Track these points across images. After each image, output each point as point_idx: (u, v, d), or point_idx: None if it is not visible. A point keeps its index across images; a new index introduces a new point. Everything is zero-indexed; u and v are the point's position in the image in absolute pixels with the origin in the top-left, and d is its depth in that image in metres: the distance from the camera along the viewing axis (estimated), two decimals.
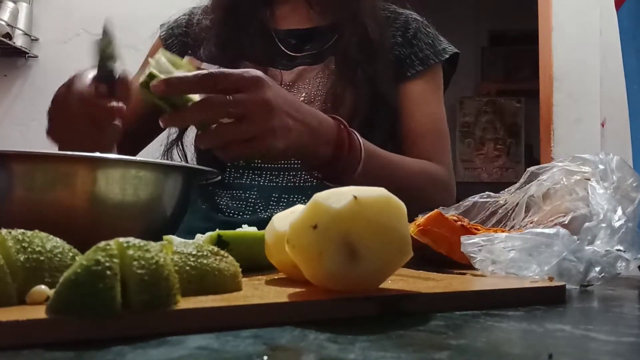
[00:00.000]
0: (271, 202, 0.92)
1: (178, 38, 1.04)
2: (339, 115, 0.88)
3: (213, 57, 0.96)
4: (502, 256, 0.51)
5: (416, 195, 0.83)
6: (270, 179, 0.94)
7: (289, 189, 0.93)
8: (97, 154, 0.53)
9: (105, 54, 0.67)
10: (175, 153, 0.98)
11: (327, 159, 0.73)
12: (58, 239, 0.36)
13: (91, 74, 0.71)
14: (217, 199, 0.95)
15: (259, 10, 1.00)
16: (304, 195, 0.92)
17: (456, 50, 1.02)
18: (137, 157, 0.54)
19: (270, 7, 1.02)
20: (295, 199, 0.92)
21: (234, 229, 0.55)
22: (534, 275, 0.49)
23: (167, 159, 0.95)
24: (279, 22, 1.01)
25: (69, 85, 0.72)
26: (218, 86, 0.62)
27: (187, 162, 0.98)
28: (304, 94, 0.94)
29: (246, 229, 0.57)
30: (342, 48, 0.94)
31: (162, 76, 0.61)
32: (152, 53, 1.05)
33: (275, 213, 0.93)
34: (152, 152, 1.05)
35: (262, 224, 0.59)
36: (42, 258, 0.34)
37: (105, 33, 0.67)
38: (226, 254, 0.40)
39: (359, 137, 0.75)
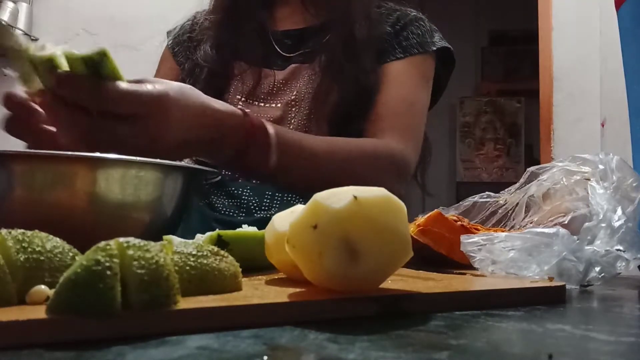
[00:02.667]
0: (265, 201, 0.92)
1: (184, 45, 1.05)
2: (324, 110, 0.87)
3: (208, 57, 0.96)
4: (502, 256, 0.51)
5: (355, 179, 0.79)
6: None
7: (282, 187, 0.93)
8: (97, 154, 0.53)
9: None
10: None
11: (232, 159, 0.70)
12: (58, 239, 0.36)
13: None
14: (213, 197, 0.96)
15: (258, 12, 1.00)
16: (298, 194, 0.92)
17: (448, 45, 1.00)
18: (137, 157, 0.54)
19: (270, 9, 1.02)
20: (289, 198, 0.92)
21: (231, 228, 0.55)
22: (534, 275, 0.49)
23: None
24: (277, 23, 1.02)
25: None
26: (106, 106, 0.56)
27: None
28: (295, 92, 0.95)
29: (246, 229, 0.57)
30: (329, 47, 0.95)
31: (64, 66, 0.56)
32: (162, 61, 1.07)
33: (271, 212, 0.93)
34: None
35: (257, 223, 0.59)
36: (42, 258, 0.34)
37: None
38: (226, 254, 0.40)
39: (271, 130, 0.71)
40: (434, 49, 0.98)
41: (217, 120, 0.67)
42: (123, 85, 0.56)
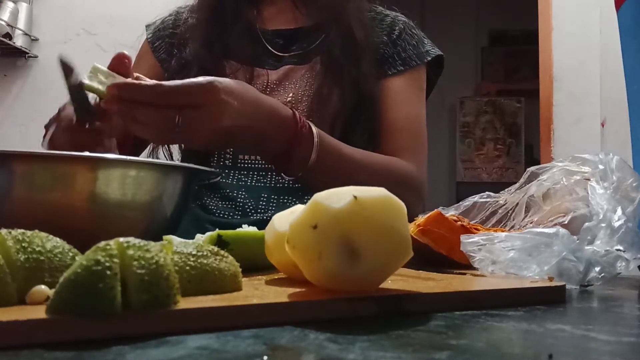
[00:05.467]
0: (261, 203, 0.92)
1: (165, 40, 1.03)
2: (324, 116, 0.87)
3: (198, 56, 0.95)
4: (502, 256, 0.51)
5: None
6: (258, 179, 0.93)
7: (278, 189, 0.93)
8: (97, 154, 0.53)
9: (75, 88, 0.65)
10: (161, 152, 0.98)
11: (278, 154, 0.74)
12: (58, 239, 0.36)
13: (71, 108, 0.70)
14: (206, 199, 0.95)
15: (245, 10, 1.00)
16: (294, 196, 0.92)
17: (440, 52, 1.01)
18: (137, 157, 0.54)
19: (257, 7, 1.02)
20: (285, 200, 0.92)
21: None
22: (534, 275, 0.49)
23: (153, 158, 0.95)
24: (266, 22, 1.01)
25: (54, 122, 0.71)
26: (167, 100, 0.63)
27: (172, 160, 0.99)
28: (291, 94, 0.94)
29: (246, 229, 0.57)
30: (327, 49, 0.94)
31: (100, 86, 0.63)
32: (141, 55, 1.05)
33: (267, 214, 0.93)
34: None
35: (253, 225, 0.59)
36: (42, 258, 0.34)
37: (68, 69, 0.66)
38: (226, 254, 0.40)
39: (314, 130, 0.75)
40: (429, 59, 0.99)
41: (272, 112, 0.72)
42: (173, 82, 0.63)
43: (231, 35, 0.97)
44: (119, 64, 0.67)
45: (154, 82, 0.64)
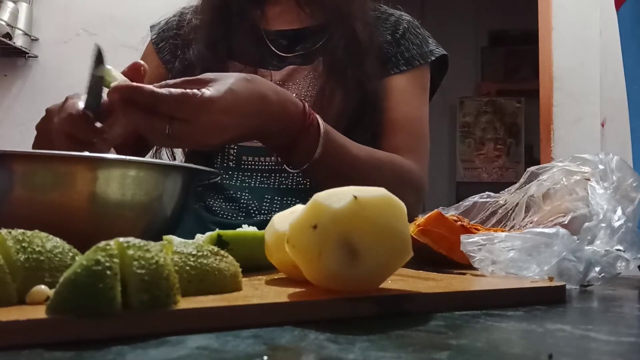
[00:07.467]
0: (264, 204, 0.92)
1: (169, 41, 1.03)
2: (326, 116, 0.89)
3: (202, 57, 0.95)
4: (502, 256, 0.51)
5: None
6: (262, 181, 0.93)
7: (282, 191, 0.93)
8: (97, 154, 0.53)
9: (97, 79, 0.64)
10: (164, 152, 0.98)
11: (283, 147, 0.74)
12: (58, 239, 0.36)
13: (82, 99, 0.68)
14: (210, 200, 0.95)
15: (249, 10, 0.99)
16: (298, 197, 0.92)
17: (444, 52, 1.01)
18: (137, 157, 0.54)
19: (261, 8, 1.02)
20: (289, 201, 0.92)
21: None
22: (534, 275, 0.49)
23: (156, 159, 0.95)
24: (269, 22, 1.01)
25: (60, 106, 0.71)
26: (162, 107, 0.60)
27: (175, 160, 0.98)
28: (294, 95, 0.94)
29: (246, 228, 0.57)
30: (330, 50, 0.94)
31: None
32: (145, 56, 1.05)
33: (270, 215, 0.93)
34: None
35: (257, 226, 0.58)
36: (42, 258, 0.34)
37: (100, 59, 0.66)
38: (226, 254, 0.40)
39: (322, 124, 0.75)
40: (433, 58, 0.99)
41: (280, 112, 0.71)
42: (169, 89, 0.61)
43: (235, 36, 0.97)
44: (135, 73, 0.67)
45: (152, 86, 0.63)
